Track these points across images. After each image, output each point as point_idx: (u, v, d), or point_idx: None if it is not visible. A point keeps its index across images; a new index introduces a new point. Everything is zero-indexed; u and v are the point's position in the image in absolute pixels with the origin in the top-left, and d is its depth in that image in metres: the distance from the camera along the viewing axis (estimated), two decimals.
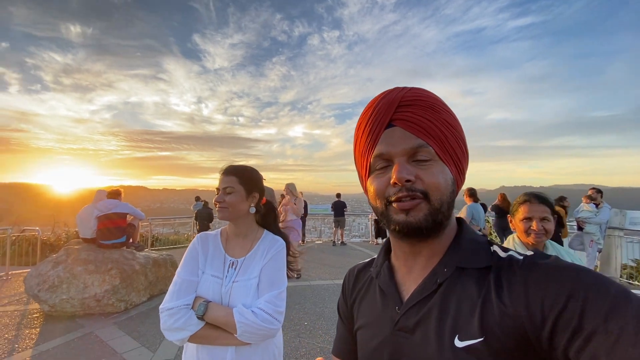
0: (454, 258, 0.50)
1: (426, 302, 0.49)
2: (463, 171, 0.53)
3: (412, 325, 0.50)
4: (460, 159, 0.52)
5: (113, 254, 4.57)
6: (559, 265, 0.42)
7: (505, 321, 0.41)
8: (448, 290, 0.48)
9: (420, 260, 0.54)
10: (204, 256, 1.20)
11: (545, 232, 1.35)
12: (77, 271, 4.20)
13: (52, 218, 11.26)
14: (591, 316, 0.36)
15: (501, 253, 0.49)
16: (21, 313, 4.22)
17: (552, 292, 0.39)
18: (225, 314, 1.07)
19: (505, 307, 0.42)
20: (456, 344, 0.44)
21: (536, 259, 0.45)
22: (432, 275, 0.51)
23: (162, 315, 1.08)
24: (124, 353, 3.18)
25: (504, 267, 0.46)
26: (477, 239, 0.53)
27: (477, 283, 0.46)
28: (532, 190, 1.49)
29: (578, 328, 0.36)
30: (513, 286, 0.43)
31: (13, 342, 3.40)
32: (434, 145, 0.50)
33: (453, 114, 0.53)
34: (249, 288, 1.14)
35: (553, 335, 0.38)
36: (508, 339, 0.41)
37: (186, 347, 1.17)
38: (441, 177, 0.49)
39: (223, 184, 1.21)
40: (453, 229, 0.54)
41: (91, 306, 4.11)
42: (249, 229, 1.27)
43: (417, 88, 0.53)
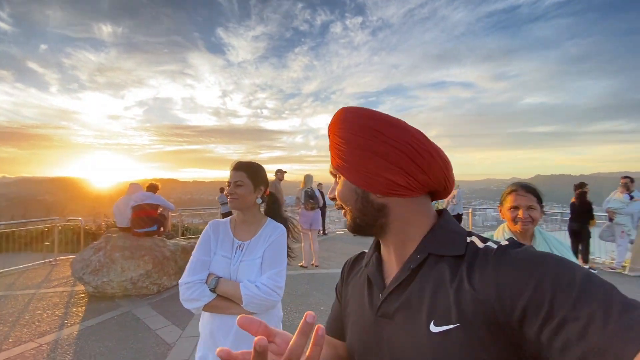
0: (427, 246, 0.53)
1: (405, 289, 0.53)
2: (375, 172, 0.55)
3: (392, 311, 0.53)
4: (362, 164, 0.55)
5: (146, 242, 4.96)
6: (529, 253, 0.44)
7: (477, 307, 0.43)
8: (424, 277, 0.51)
9: (394, 250, 0.58)
10: (215, 240, 1.39)
11: (531, 220, 1.42)
12: (115, 257, 4.62)
13: (93, 209, 12.16)
14: (560, 303, 0.37)
15: (479, 243, 0.51)
16: (69, 293, 4.71)
17: (520, 279, 0.41)
18: (233, 287, 1.26)
19: (477, 293, 0.44)
20: (432, 329, 0.46)
21: (508, 247, 0.47)
22: (407, 262, 0.54)
23: (180, 288, 1.28)
24: (157, 330, 3.51)
25: (479, 255, 0.48)
26: (455, 229, 0.55)
27: (451, 270, 0.49)
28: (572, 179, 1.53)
29: (548, 315, 0.37)
30: (484, 273, 0.45)
31: (62, 318, 3.84)
32: (335, 164, 0.60)
33: (348, 125, 0.57)
34: (253, 267, 1.31)
35: (523, 321, 0.39)
36: (480, 325, 0.43)
37: (202, 316, 1.36)
38: (341, 190, 0.60)
39: (234, 178, 1.38)
40: (428, 219, 0.57)
41: (128, 288, 4.52)
42: (255, 217, 1.45)
43: (335, 115, 0.60)
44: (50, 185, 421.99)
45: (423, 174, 0.54)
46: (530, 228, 1.43)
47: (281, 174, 6.46)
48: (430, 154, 0.54)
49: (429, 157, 0.54)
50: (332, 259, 6.64)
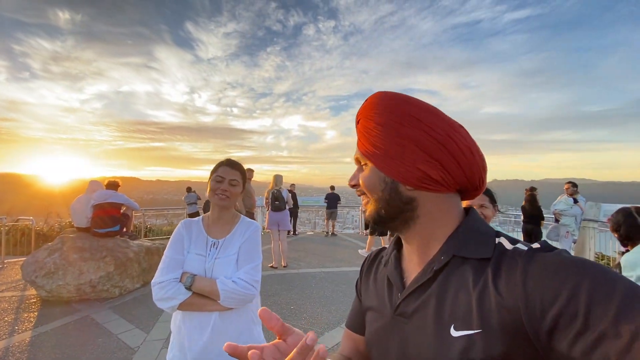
0: (452, 247, 0.50)
1: (425, 290, 0.50)
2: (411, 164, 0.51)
3: (411, 312, 0.51)
4: (399, 154, 0.51)
5: (107, 243, 4.73)
6: (564, 258, 0.40)
7: (502, 314, 0.40)
8: (446, 279, 0.48)
9: (417, 248, 0.55)
10: (188, 238, 1.40)
11: (484, 217, 1.59)
12: (72, 258, 4.36)
13: (45, 208, 11.30)
14: (598, 317, 0.33)
15: (507, 245, 0.47)
16: (19, 298, 4.38)
17: (554, 286, 0.37)
18: (210, 284, 1.28)
19: (503, 299, 0.41)
20: (452, 333, 0.44)
21: (540, 250, 0.43)
22: (430, 263, 0.51)
23: (153, 289, 1.27)
24: (119, 334, 3.37)
25: (507, 258, 0.44)
26: (482, 229, 0.51)
27: (476, 273, 0.45)
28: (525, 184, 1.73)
29: (584, 328, 0.34)
30: (512, 278, 0.41)
31: (13, 324, 3.58)
32: (363, 151, 0.56)
33: (388, 111, 0.53)
34: (229, 263, 1.35)
35: (553, 331, 0.36)
36: (504, 331, 0.40)
37: (174, 316, 1.36)
38: (368, 177, 0.55)
39: (230, 176, 1.40)
40: (450, 218, 0.53)
41: (87, 292, 4.28)
42: (231, 215, 1.48)
43: (368, 99, 0.57)
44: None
45: (460, 170, 0.51)
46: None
47: (250, 172, 6.42)
48: (470, 151, 0.51)
49: (469, 154, 0.51)
50: (302, 259, 6.68)
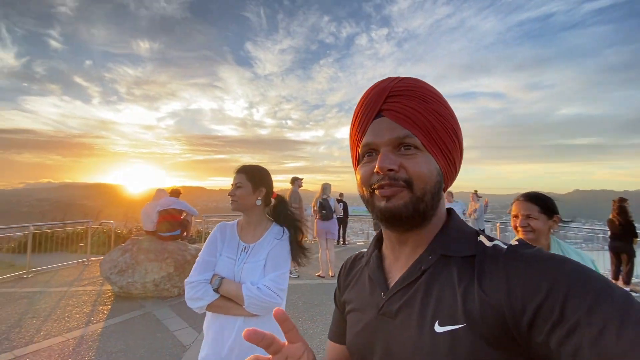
0: (439, 246, 0.50)
1: (410, 288, 0.50)
2: (454, 163, 0.53)
3: (395, 310, 0.51)
4: (451, 151, 0.52)
5: (169, 245, 5.14)
6: (541, 255, 0.42)
7: (486, 309, 0.42)
8: (432, 277, 0.49)
9: (407, 249, 0.54)
10: (221, 241, 1.42)
11: (532, 230, 1.43)
12: (140, 259, 4.82)
13: (126, 214, 12.80)
14: (574, 308, 0.35)
15: (487, 242, 0.48)
16: (97, 292, 4.95)
17: (532, 281, 0.39)
18: (235, 288, 1.28)
19: (486, 295, 0.42)
20: (436, 329, 0.45)
21: (519, 248, 0.45)
22: (417, 263, 0.51)
23: (186, 288, 1.32)
24: (175, 331, 3.60)
25: (488, 256, 0.46)
26: (464, 228, 0.53)
27: (460, 271, 0.46)
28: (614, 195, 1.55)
29: (559, 319, 0.36)
30: (494, 275, 0.43)
31: (89, 315, 4.04)
32: (420, 135, 0.50)
33: (447, 105, 0.52)
34: (256, 269, 1.33)
35: (533, 324, 0.38)
36: (488, 327, 0.41)
37: (206, 317, 1.39)
38: (425, 166, 0.50)
39: (234, 181, 1.44)
40: (441, 219, 0.54)
41: (150, 290, 4.68)
42: (259, 220, 1.46)
43: (410, 78, 0.53)
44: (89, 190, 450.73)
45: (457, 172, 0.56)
46: (531, 237, 1.43)
47: (299, 181, 6.49)
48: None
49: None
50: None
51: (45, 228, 7.67)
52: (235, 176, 1.45)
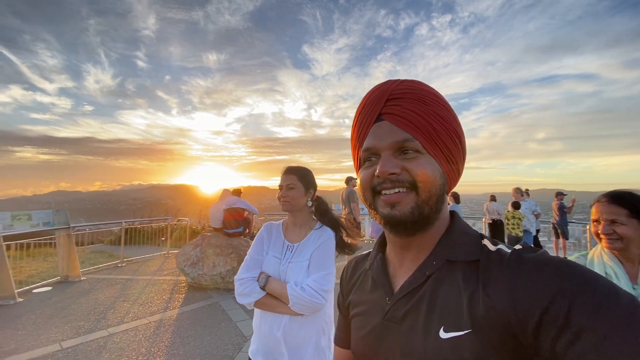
0: (444, 251, 0.50)
1: (415, 294, 0.50)
2: (457, 166, 0.53)
3: (401, 316, 0.51)
4: (453, 153, 0.51)
5: (233, 241, 5.53)
6: (546, 259, 0.41)
7: (491, 314, 0.41)
8: (437, 283, 0.48)
9: (411, 253, 0.54)
10: (268, 240, 1.47)
11: (619, 238, 1.13)
12: (208, 253, 5.27)
13: (199, 211, 14.13)
14: (579, 312, 0.35)
15: (490, 246, 0.48)
16: (174, 282, 5.56)
17: (537, 286, 0.39)
18: (281, 287, 1.31)
19: (491, 300, 0.42)
20: (441, 335, 0.45)
21: (523, 252, 0.44)
22: (422, 268, 0.51)
23: (235, 284, 1.39)
24: (238, 322, 3.86)
25: (492, 260, 0.45)
26: (469, 232, 0.52)
27: (465, 276, 0.46)
28: None
29: (565, 324, 0.35)
30: (499, 280, 0.42)
31: (167, 302, 4.55)
32: (422, 138, 0.49)
33: (448, 107, 0.52)
34: (301, 268, 1.35)
35: (538, 330, 0.37)
36: (493, 332, 0.41)
37: (255, 313, 1.45)
38: (429, 168, 0.49)
39: (285, 182, 1.45)
40: (445, 222, 0.53)
41: (218, 282, 5.10)
42: (305, 220, 1.48)
43: (409, 80, 0.52)
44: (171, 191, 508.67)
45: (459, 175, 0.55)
46: (618, 246, 1.14)
47: (353, 181, 6.44)
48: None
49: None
50: None
51: (135, 224, 8.86)
52: (284, 177, 1.46)
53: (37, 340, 3.37)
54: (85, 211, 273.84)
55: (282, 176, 1.48)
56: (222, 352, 3.17)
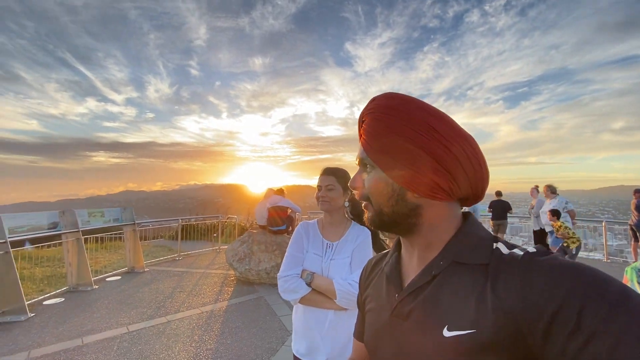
0: (452, 252, 0.51)
1: (421, 292, 0.52)
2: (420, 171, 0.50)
3: (406, 313, 0.53)
4: (410, 160, 0.50)
5: (277, 238, 5.73)
6: (558, 262, 0.41)
7: (499, 315, 0.41)
8: (443, 282, 0.50)
9: (417, 252, 0.56)
10: (306, 239, 1.52)
11: None
12: (254, 249, 5.52)
13: (247, 209, 14.83)
14: (590, 316, 0.35)
15: (504, 250, 0.48)
16: (224, 276, 5.91)
17: (548, 288, 0.39)
18: (327, 283, 1.35)
19: (500, 301, 0.42)
20: (444, 333, 0.46)
21: (535, 255, 0.44)
22: (429, 267, 0.52)
23: (279, 281, 1.44)
24: (281, 316, 4.00)
25: (503, 263, 0.45)
26: (481, 234, 0.52)
27: (473, 277, 0.47)
28: None
29: (576, 328, 0.35)
30: (509, 281, 0.43)
31: (217, 294, 4.86)
32: (372, 154, 0.54)
33: (400, 116, 0.51)
34: (343, 265, 1.39)
35: (549, 331, 0.37)
36: (499, 333, 0.41)
37: (295, 310, 1.50)
38: (374, 183, 0.55)
39: (325, 182, 1.49)
40: (449, 224, 0.54)
41: (263, 277, 5.32)
42: (341, 219, 1.51)
43: (379, 97, 0.55)
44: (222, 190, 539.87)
45: (467, 182, 0.52)
46: None
47: None
48: (479, 164, 0.52)
49: (478, 167, 0.52)
50: None
51: (190, 221, 9.57)
52: (323, 178, 1.50)
53: (109, 323, 3.82)
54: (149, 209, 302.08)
55: (321, 177, 1.52)
56: (267, 345, 3.31)
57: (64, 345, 3.28)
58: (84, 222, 5.48)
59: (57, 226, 5.08)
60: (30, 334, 3.53)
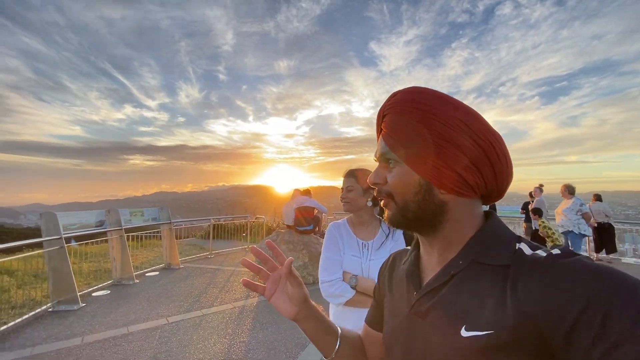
0: (471, 252, 0.50)
1: (439, 291, 0.51)
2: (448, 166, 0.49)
3: (424, 311, 0.52)
4: (437, 155, 0.49)
5: (304, 238, 5.87)
6: (582, 264, 0.40)
7: (518, 317, 0.41)
8: (461, 282, 0.49)
9: (436, 251, 0.55)
10: (341, 240, 1.54)
11: None
12: (282, 249, 5.68)
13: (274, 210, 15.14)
14: (617, 321, 0.34)
15: (527, 250, 0.47)
16: (253, 275, 6.11)
17: (571, 290, 0.38)
18: (372, 284, 1.37)
19: (520, 302, 0.41)
20: (462, 333, 0.45)
21: (559, 257, 0.42)
22: (448, 267, 0.52)
23: (322, 286, 1.47)
24: None
25: (525, 264, 0.44)
26: (502, 234, 0.51)
27: (493, 278, 0.46)
28: None
29: (602, 332, 0.34)
30: (531, 282, 0.42)
31: (248, 291, 5.06)
32: (398, 149, 0.52)
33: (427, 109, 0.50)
34: None
35: (570, 337, 0.37)
36: (518, 335, 0.41)
37: (332, 310, 1.52)
38: (399, 179, 0.53)
39: (345, 184, 1.55)
40: (474, 223, 0.53)
41: None
42: (370, 218, 1.55)
43: (401, 91, 0.55)
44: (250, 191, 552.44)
45: (494, 177, 0.51)
46: None
47: None
48: (505, 159, 0.51)
49: (505, 161, 0.51)
50: None
51: (220, 221, 9.97)
52: (344, 180, 1.56)
53: (150, 314, 4.11)
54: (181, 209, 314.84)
55: (343, 179, 1.58)
56: (296, 340, 3.43)
57: (112, 333, 3.58)
58: (126, 220, 5.90)
59: (103, 224, 5.52)
60: (83, 322, 3.87)
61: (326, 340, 0.70)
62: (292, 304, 0.67)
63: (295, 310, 0.67)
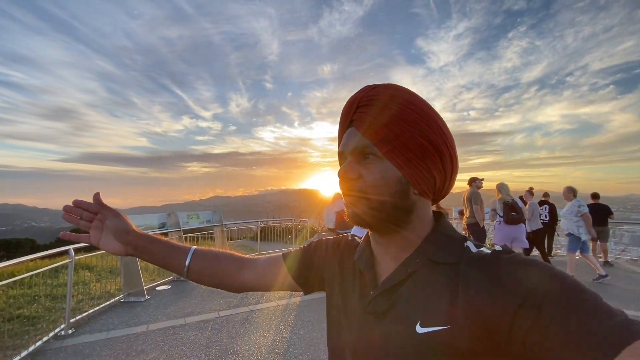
0: (426, 251, 0.51)
1: (395, 290, 0.51)
2: (427, 169, 0.50)
3: (380, 310, 0.52)
4: (422, 157, 0.50)
5: None
6: (522, 259, 0.44)
7: (470, 312, 0.43)
8: (417, 281, 0.50)
9: (393, 250, 0.55)
10: None
11: None
12: None
13: (318, 213, 15.40)
14: (550, 308, 0.37)
15: (472, 249, 0.50)
16: None
17: (512, 285, 0.41)
18: None
19: (471, 298, 0.43)
20: (417, 330, 0.46)
21: (501, 253, 0.46)
22: (404, 265, 0.52)
23: None
24: None
25: (473, 261, 0.47)
26: (452, 234, 0.54)
27: (446, 276, 0.48)
28: None
29: (537, 320, 0.37)
30: (478, 279, 0.44)
31: (292, 292, 5.27)
32: (380, 144, 0.50)
33: (418, 110, 0.50)
34: None
35: (513, 325, 0.39)
36: (471, 329, 0.43)
37: None
38: (380, 175, 0.50)
39: None
40: (427, 223, 0.54)
41: None
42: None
43: (383, 85, 0.53)
44: (296, 195, 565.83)
45: (451, 180, 0.55)
46: None
47: (478, 182, 5.95)
48: (457, 164, 0.55)
49: (457, 166, 0.55)
50: None
51: (268, 223, 10.46)
52: None
53: (204, 308, 4.51)
54: (233, 212, 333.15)
55: None
56: None
57: (172, 323, 4.01)
58: (184, 222, 6.51)
59: (165, 226, 6.17)
60: (148, 312, 4.39)
61: (178, 260, 0.71)
62: (117, 240, 0.67)
63: (122, 245, 0.67)
